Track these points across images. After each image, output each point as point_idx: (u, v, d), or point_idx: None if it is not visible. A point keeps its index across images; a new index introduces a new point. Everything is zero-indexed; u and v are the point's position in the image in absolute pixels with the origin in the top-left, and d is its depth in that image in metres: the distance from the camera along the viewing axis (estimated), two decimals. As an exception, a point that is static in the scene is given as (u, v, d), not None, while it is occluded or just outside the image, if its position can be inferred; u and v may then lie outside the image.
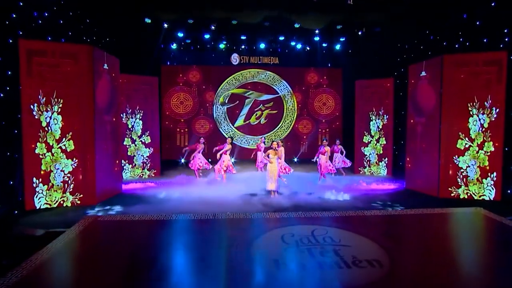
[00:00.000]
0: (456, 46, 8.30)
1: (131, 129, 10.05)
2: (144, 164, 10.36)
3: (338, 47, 12.51)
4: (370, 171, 10.77)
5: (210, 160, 9.92)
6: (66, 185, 6.73)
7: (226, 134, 13.44)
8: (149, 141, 10.39)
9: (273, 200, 7.14)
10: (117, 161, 8.18)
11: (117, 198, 7.60)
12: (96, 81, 6.98)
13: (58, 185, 6.63)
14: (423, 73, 8.12)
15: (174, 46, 12.19)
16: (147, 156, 10.39)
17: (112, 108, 7.82)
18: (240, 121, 13.46)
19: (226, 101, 13.32)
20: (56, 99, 6.54)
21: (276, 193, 7.53)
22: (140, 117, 10.21)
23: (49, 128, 6.50)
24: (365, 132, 10.78)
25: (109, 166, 7.66)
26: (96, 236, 5.12)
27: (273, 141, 7.75)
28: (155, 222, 5.67)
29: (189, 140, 12.94)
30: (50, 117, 6.50)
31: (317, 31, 11.58)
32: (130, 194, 7.98)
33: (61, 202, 6.70)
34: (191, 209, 6.29)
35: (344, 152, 10.34)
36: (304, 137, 13.53)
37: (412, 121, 8.60)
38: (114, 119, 7.96)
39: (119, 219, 5.80)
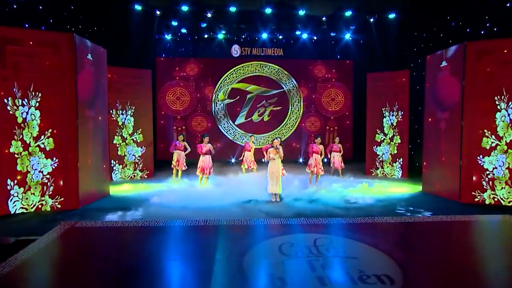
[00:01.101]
0: (482, 32, 7.88)
1: (122, 126, 9.85)
2: (136, 165, 10.17)
3: (348, 36, 12.13)
4: (383, 173, 10.43)
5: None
6: (45, 187, 6.51)
7: (226, 132, 13.20)
8: (142, 139, 10.20)
9: (273, 206, 6.80)
10: (104, 161, 7.98)
11: (103, 201, 7.39)
12: (78, 73, 6.73)
13: (36, 188, 6.41)
14: (444, 63, 7.73)
15: (168, 36, 11.96)
16: (139, 156, 10.20)
17: (97, 103, 7.59)
18: (241, 119, 13.20)
19: (226, 97, 13.08)
20: (33, 93, 6.31)
21: (278, 197, 7.23)
22: (132, 114, 10.01)
23: (26, 124, 6.28)
24: (377, 130, 10.44)
25: (94, 166, 7.44)
26: (71, 245, 4.86)
27: (274, 139, 7.41)
28: (141, 228, 5.41)
29: (187, 138, 12.68)
30: (27, 113, 6.28)
31: (324, 19, 11.21)
32: (119, 197, 7.77)
33: (39, 206, 6.48)
34: (182, 215, 6.04)
35: (342, 151, 10.04)
36: (312, 135, 13.18)
37: (430, 117, 8.24)
38: (100, 115, 7.74)
39: (100, 225, 5.54)
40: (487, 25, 7.81)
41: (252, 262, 4.20)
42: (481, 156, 7.11)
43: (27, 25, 6.63)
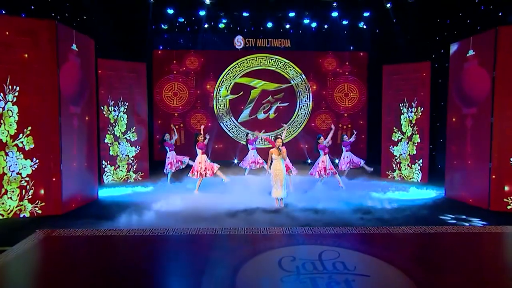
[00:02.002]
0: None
1: (114, 124, 9.63)
2: (130, 166, 9.95)
3: (362, 25, 11.68)
4: (400, 175, 10.00)
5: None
6: (23, 191, 6.27)
7: (229, 130, 12.89)
8: (136, 138, 9.99)
9: (275, 215, 6.38)
10: (92, 161, 7.77)
11: (90, 207, 7.16)
12: (61, 65, 6.52)
13: (13, 191, 6.18)
14: (471, 52, 7.27)
15: (165, 26, 11.68)
16: (132, 156, 9.97)
17: (83, 98, 7.37)
18: (245, 116, 12.90)
19: (229, 93, 12.80)
20: (10, 87, 6.07)
21: (282, 202, 6.89)
22: (125, 110, 9.79)
23: (2, 121, 6.05)
24: (394, 128, 10.01)
25: (80, 167, 7.23)
26: (44, 257, 4.61)
27: (276, 138, 7.04)
28: (126, 238, 5.15)
29: (184, 137, 12.49)
30: (3, 108, 6.04)
31: (335, 5, 10.77)
32: (107, 202, 7.53)
33: (17, 212, 6.25)
34: (172, 223, 5.76)
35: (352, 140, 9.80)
36: (323, 134, 12.76)
37: (454, 114, 7.80)
38: (87, 112, 7.52)
39: (80, 234, 5.27)
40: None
41: (247, 279, 3.89)
42: (514, 158, 6.64)
43: (3, 12, 6.39)
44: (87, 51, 7.55)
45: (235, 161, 12.34)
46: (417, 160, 9.65)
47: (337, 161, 10.05)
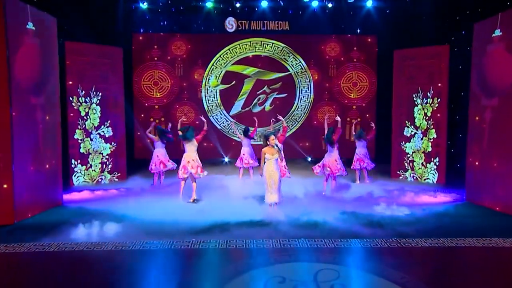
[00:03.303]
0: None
1: (85, 117, 9.21)
2: (104, 165, 9.55)
3: (370, 4, 11.23)
4: (413, 176, 9.74)
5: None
6: (-33, 196, 5.87)
7: (219, 124, 12.45)
8: (110, 134, 9.61)
9: (267, 224, 5.96)
10: (56, 161, 7.39)
11: (50, 214, 6.76)
12: (13, 47, 6.10)
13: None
14: (497, 32, 6.88)
15: (144, 5, 11.17)
16: (107, 154, 9.58)
17: (44, 87, 6.97)
18: (237, 108, 12.57)
19: (219, 82, 12.41)
20: None
21: (276, 207, 6.54)
22: (98, 102, 9.37)
23: None
24: (406, 121, 9.76)
25: (39, 168, 6.82)
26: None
27: (269, 136, 6.53)
28: (80, 255, 4.77)
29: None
30: None
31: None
32: (72, 209, 7.14)
33: (-41, 221, 5.81)
34: (139, 237, 5.32)
35: (366, 141, 9.38)
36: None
37: (476, 105, 7.46)
38: (52, 103, 7.15)
39: (25, 250, 4.84)
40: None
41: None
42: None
43: None
44: (48, 31, 7.15)
45: (226, 159, 11.93)
46: (432, 158, 9.38)
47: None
